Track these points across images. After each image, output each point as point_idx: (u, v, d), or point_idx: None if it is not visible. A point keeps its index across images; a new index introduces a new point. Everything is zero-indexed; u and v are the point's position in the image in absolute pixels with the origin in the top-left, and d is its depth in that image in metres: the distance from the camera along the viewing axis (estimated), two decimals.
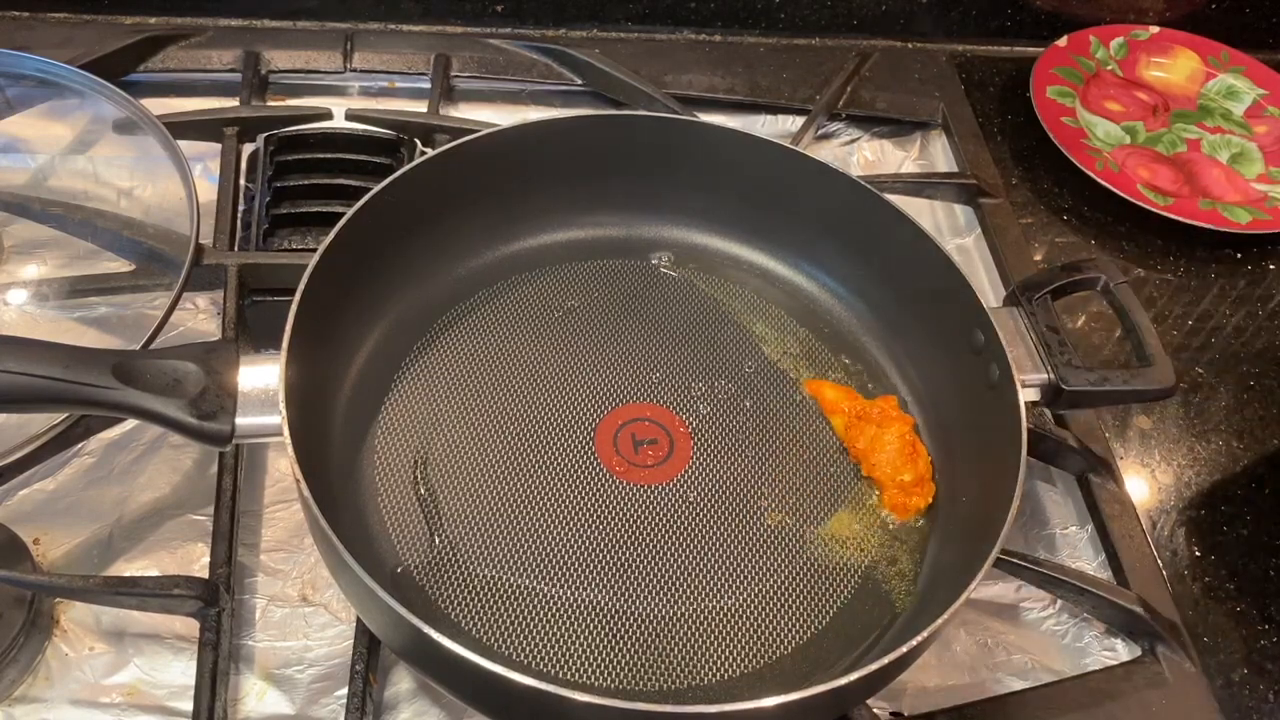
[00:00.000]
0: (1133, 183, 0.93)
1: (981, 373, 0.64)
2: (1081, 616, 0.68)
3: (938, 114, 0.97)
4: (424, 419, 0.67)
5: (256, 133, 0.82)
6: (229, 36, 0.93)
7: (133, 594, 0.59)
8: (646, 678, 0.58)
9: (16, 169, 0.81)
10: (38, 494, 0.67)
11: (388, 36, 0.96)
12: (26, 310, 0.73)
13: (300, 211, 0.78)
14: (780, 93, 0.96)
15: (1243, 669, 0.66)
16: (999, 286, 0.84)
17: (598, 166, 0.75)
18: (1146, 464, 0.76)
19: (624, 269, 0.77)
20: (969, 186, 0.90)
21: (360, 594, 0.52)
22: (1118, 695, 0.63)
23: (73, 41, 0.88)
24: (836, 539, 0.64)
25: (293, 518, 0.68)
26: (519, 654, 0.58)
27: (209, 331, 0.76)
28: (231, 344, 0.58)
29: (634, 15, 1.01)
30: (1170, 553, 0.71)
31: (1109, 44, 1.05)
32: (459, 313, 0.72)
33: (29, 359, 0.53)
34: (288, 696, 0.61)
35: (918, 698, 0.64)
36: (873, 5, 1.02)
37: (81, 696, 0.60)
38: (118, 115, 0.78)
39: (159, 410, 0.54)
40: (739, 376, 0.71)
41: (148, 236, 0.75)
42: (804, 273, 0.77)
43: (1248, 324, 0.86)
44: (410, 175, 0.68)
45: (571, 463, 0.66)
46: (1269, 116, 1.02)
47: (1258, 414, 0.80)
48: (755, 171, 0.75)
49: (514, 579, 0.61)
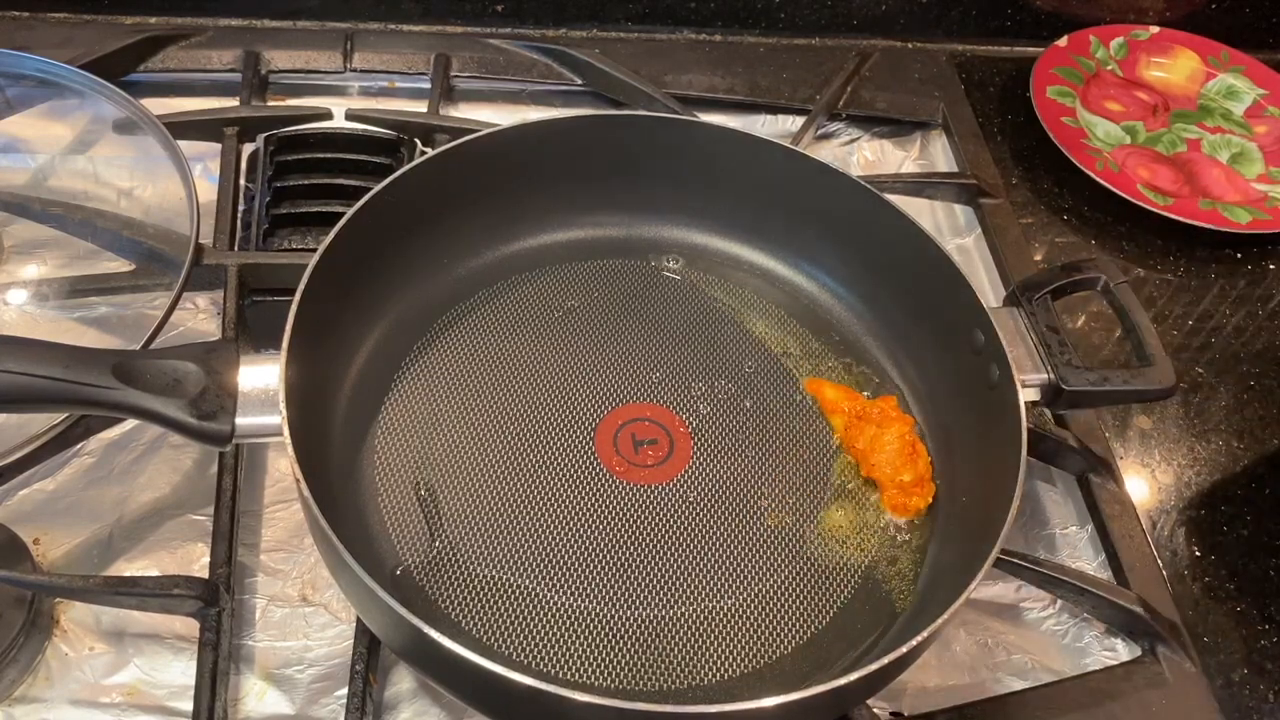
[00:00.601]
0: (1133, 183, 0.93)
1: (981, 373, 0.64)
2: (1081, 616, 0.68)
3: (938, 114, 0.97)
4: (424, 419, 0.67)
5: (256, 133, 0.82)
6: (229, 36, 0.93)
7: (133, 594, 0.59)
8: (646, 678, 0.58)
9: (16, 169, 0.81)
10: (38, 494, 0.67)
11: (388, 36, 0.96)
12: (26, 310, 0.73)
13: (300, 211, 0.78)
14: (780, 93, 0.96)
15: (1243, 669, 0.66)
16: (999, 286, 0.84)
17: (598, 166, 0.75)
18: (1146, 464, 0.76)
19: (624, 269, 0.77)
20: (969, 186, 0.90)
21: (360, 594, 0.52)
22: (1118, 695, 0.63)
23: (73, 41, 0.88)
24: (836, 539, 0.64)
25: (293, 518, 0.68)
26: (519, 654, 0.58)
27: (209, 331, 0.76)
28: (231, 344, 0.58)
29: (634, 15, 1.01)
30: (1170, 553, 0.71)
31: (1109, 44, 1.05)
32: (459, 313, 0.72)
33: (29, 359, 0.53)
34: (288, 696, 0.61)
35: (918, 698, 0.64)
36: (873, 5, 1.02)
37: (81, 696, 0.60)
38: (118, 115, 0.78)
39: (159, 410, 0.54)
40: (739, 376, 0.71)
41: (148, 236, 0.75)
42: (804, 273, 0.77)
43: (1248, 324, 0.86)
44: (410, 175, 0.68)
45: (571, 462, 0.66)
46: (1269, 116, 1.02)
47: (1258, 414, 0.80)
48: (755, 171, 0.75)
49: (514, 579, 0.61)
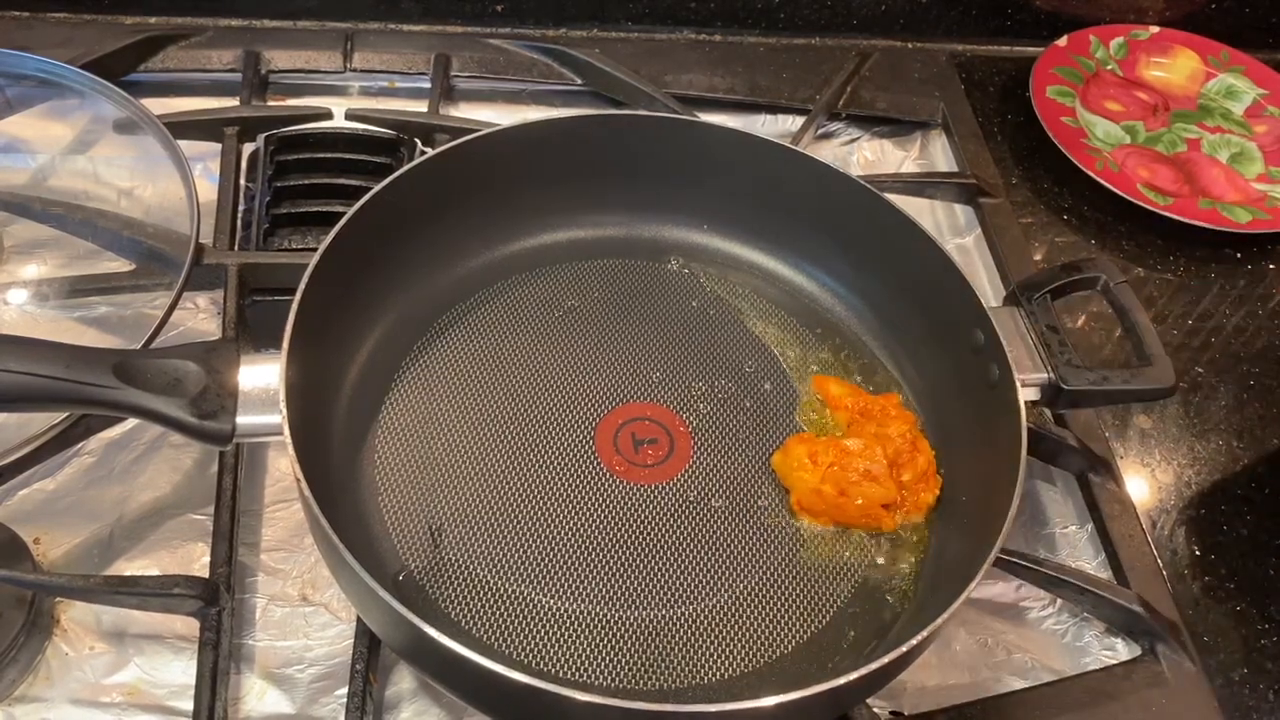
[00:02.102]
0: (1133, 183, 0.93)
1: (981, 372, 0.64)
2: (1081, 616, 0.68)
3: (938, 114, 0.97)
4: (424, 419, 0.67)
5: (257, 132, 0.82)
6: (229, 36, 0.93)
7: (133, 594, 0.59)
8: (646, 677, 0.58)
9: (16, 169, 0.81)
10: (38, 494, 0.67)
11: (388, 36, 0.96)
12: (26, 310, 0.73)
13: (300, 211, 0.78)
14: (780, 93, 0.96)
15: (1243, 669, 0.66)
16: (999, 286, 0.84)
17: (598, 166, 0.75)
18: (1146, 464, 0.76)
19: (624, 269, 0.77)
20: (969, 186, 0.90)
21: (360, 593, 0.52)
22: (1118, 695, 0.63)
23: (73, 41, 0.88)
24: (836, 538, 0.64)
25: (293, 517, 0.68)
26: (519, 653, 0.58)
27: (209, 331, 0.76)
28: (232, 343, 0.58)
29: (634, 15, 1.01)
30: (1170, 552, 0.71)
31: (1109, 44, 1.05)
32: (459, 313, 0.72)
33: (30, 358, 0.53)
34: (288, 696, 0.61)
35: (918, 697, 0.64)
36: (873, 5, 1.02)
37: (82, 696, 0.60)
38: (118, 115, 0.78)
39: (160, 410, 0.54)
40: (739, 376, 0.71)
41: (148, 236, 0.75)
42: (804, 273, 0.77)
43: (1248, 324, 0.86)
44: (410, 175, 0.68)
45: (572, 462, 0.66)
46: (1269, 116, 1.02)
47: (1258, 414, 0.80)
48: (755, 171, 0.75)
49: (514, 578, 0.61)
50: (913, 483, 0.65)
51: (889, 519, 0.64)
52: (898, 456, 0.65)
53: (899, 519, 0.65)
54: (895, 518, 0.64)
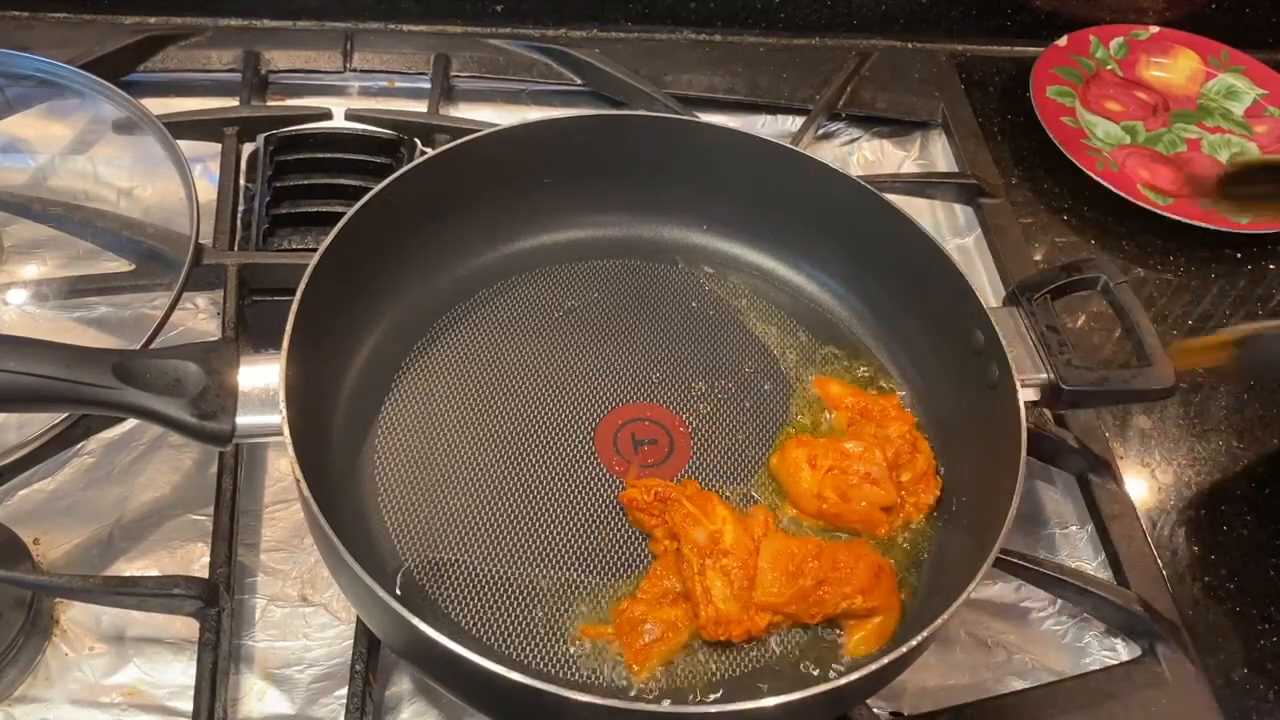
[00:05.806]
0: (1133, 183, 0.93)
1: (981, 373, 0.64)
2: (1081, 616, 0.68)
3: (938, 114, 0.97)
4: (424, 419, 0.67)
5: (256, 133, 0.82)
6: (229, 36, 0.93)
7: (133, 594, 0.59)
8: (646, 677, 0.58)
9: (16, 169, 0.82)
10: (38, 494, 0.67)
11: (388, 36, 0.97)
12: (26, 310, 0.73)
13: (300, 211, 0.78)
14: (780, 93, 0.96)
15: (1243, 669, 0.66)
16: (999, 286, 0.84)
17: (598, 166, 0.75)
18: (1146, 464, 0.76)
19: (624, 269, 0.77)
20: (969, 186, 0.90)
21: (360, 594, 0.52)
22: (1118, 695, 0.63)
23: (73, 41, 0.88)
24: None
25: (293, 518, 0.68)
26: (519, 653, 0.58)
27: (209, 331, 0.76)
28: (232, 344, 0.58)
29: (634, 15, 1.01)
30: (1170, 553, 0.71)
31: (1109, 44, 1.05)
32: (459, 313, 0.72)
33: (30, 359, 0.53)
34: (288, 696, 0.61)
35: (918, 698, 0.64)
36: (873, 5, 1.02)
37: (81, 696, 0.60)
38: (118, 115, 0.78)
39: (159, 410, 0.54)
40: (739, 376, 0.71)
41: (148, 236, 0.75)
42: (804, 273, 0.77)
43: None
44: (410, 175, 0.68)
45: (571, 462, 0.66)
46: (1269, 116, 1.02)
47: (1258, 414, 0.80)
48: (755, 171, 0.75)
49: (514, 578, 0.60)
50: (912, 483, 0.65)
51: (888, 521, 0.64)
52: (897, 457, 0.65)
53: (899, 520, 0.64)
54: (895, 519, 0.64)
